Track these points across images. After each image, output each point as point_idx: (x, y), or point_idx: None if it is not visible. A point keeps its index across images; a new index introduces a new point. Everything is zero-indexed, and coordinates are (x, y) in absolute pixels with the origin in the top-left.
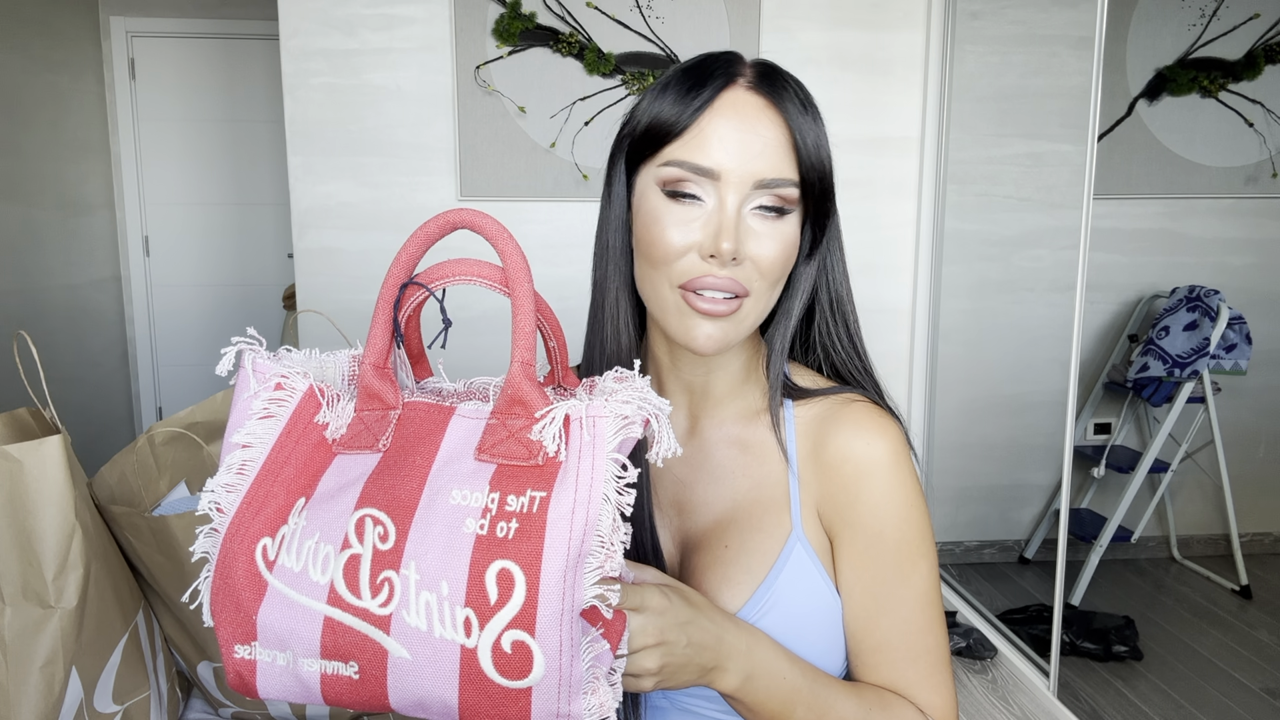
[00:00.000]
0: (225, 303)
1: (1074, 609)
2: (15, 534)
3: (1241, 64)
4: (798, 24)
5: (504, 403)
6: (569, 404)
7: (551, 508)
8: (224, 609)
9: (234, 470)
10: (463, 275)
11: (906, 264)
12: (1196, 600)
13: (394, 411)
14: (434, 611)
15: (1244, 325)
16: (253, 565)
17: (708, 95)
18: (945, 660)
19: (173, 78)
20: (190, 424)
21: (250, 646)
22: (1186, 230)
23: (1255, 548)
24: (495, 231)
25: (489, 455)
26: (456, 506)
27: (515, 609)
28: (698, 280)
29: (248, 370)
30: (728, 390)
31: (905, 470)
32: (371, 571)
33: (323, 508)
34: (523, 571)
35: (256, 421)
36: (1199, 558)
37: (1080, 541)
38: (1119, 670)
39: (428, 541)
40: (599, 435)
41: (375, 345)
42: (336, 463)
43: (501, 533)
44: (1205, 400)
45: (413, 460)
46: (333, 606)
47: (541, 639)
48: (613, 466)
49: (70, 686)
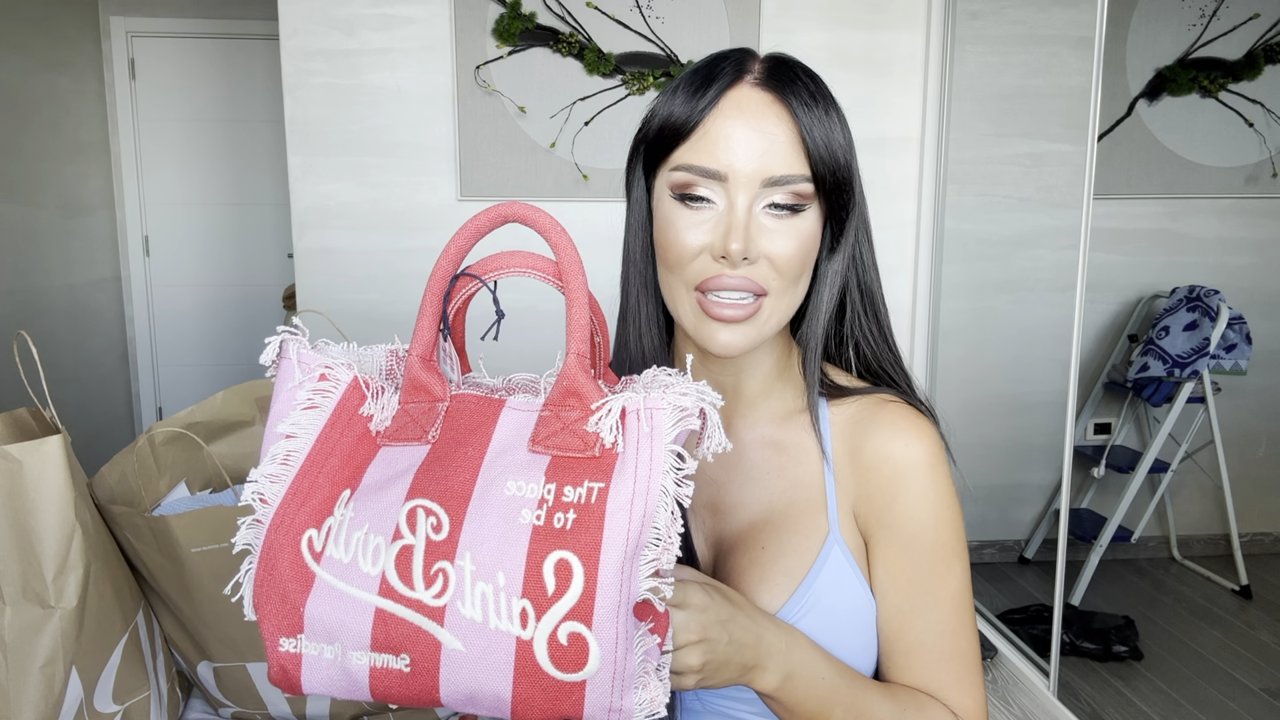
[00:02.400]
0: (225, 303)
1: (1074, 609)
2: (15, 534)
3: (1241, 64)
4: (798, 24)
5: (558, 394)
6: (625, 396)
7: (610, 499)
8: (269, 601)
9: (278, 460)
10: (517, 267)
11: (906, 264)
12: (1196, 600)
13: (442, 403)
14: (490, 603)
15: (1244, 325)
16: (299, 557)
17: (713, 95)
18: (976, 662)
19: (173, 78)
20: (190, 424)
21: (296, 639)
22: (1186, 230)
23: (1255, 548)
24: (548, 225)
25: (543, 447)
26: (512, 497)
27: (573, 600)
28: (711, 281)
29: (292, 360)
30: (760, 390)
31: (942, 472)
32: (425, 562)
33: (371, 499)
34: (581, 562)
35: (301, 412)
36: (1199, 558)
37: (1080, 541)
38: (1119, 670)
39: (483, 532)
40: (657, 427)
41: (422, 337)
42: (382, 454)
43: (559, 524)
44: (1205, 400)
45: (464, 451)
46: (384, 598)
47: (598, 631)
48: (671, 458)
49: (70, 686)
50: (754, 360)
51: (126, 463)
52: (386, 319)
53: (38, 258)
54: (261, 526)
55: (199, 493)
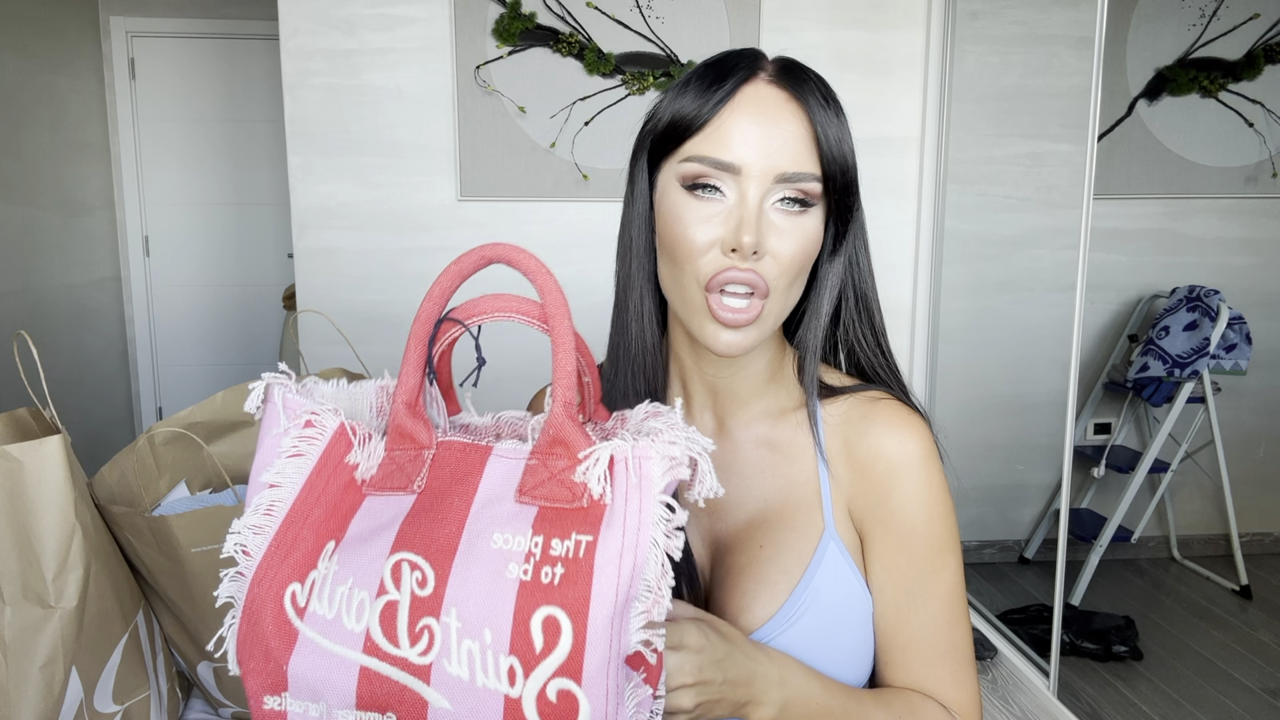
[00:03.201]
0: (225, 303)
1: (1074, 609)
2: (15, 534)
3: (1241, 64)
4: (798, 24)
5: (545, 443)
6: (613, 445)
7: (599, 552)
8: (252, 658)
9: (261, 511)
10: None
11: (906, 264)
12: (1196, 600)
13: (428, 451)
14: (476, 660)
15: (1244, 325)
16: (282, 612)
17: (729, 89)
18: (970, 655)
19: (173, 78)
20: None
21: (280, 698)
22: (1186, 230)
23: (1255, 548)
24: (534, 267)
25: (530, 497)
26: (499, 550)
27: (562, 657)
28: (721, 276)
29: (277, 406)
30: (753, 390)
31: (935, 467)
32: (410, 619)
33: (355, 552)
34: (570, 618)
35: (286, 460)
36: (1199, 558)
37: (1080, 541)
38: (1119, 670)
39: (469, 587)
40: (645, 477)
41: (407, 383)
42: (367, 504)
43: (546, 578)
44: (1205, 400)
45: (450, 502)
46: (369, 655)
47: (588, 687)
48: (660, 509)
49: (70, 686)
50: (748, 360)
51: (126, 463)
52: (386, 319)
53: (38, 258)
54: (244, 580)
55: (199, 493)
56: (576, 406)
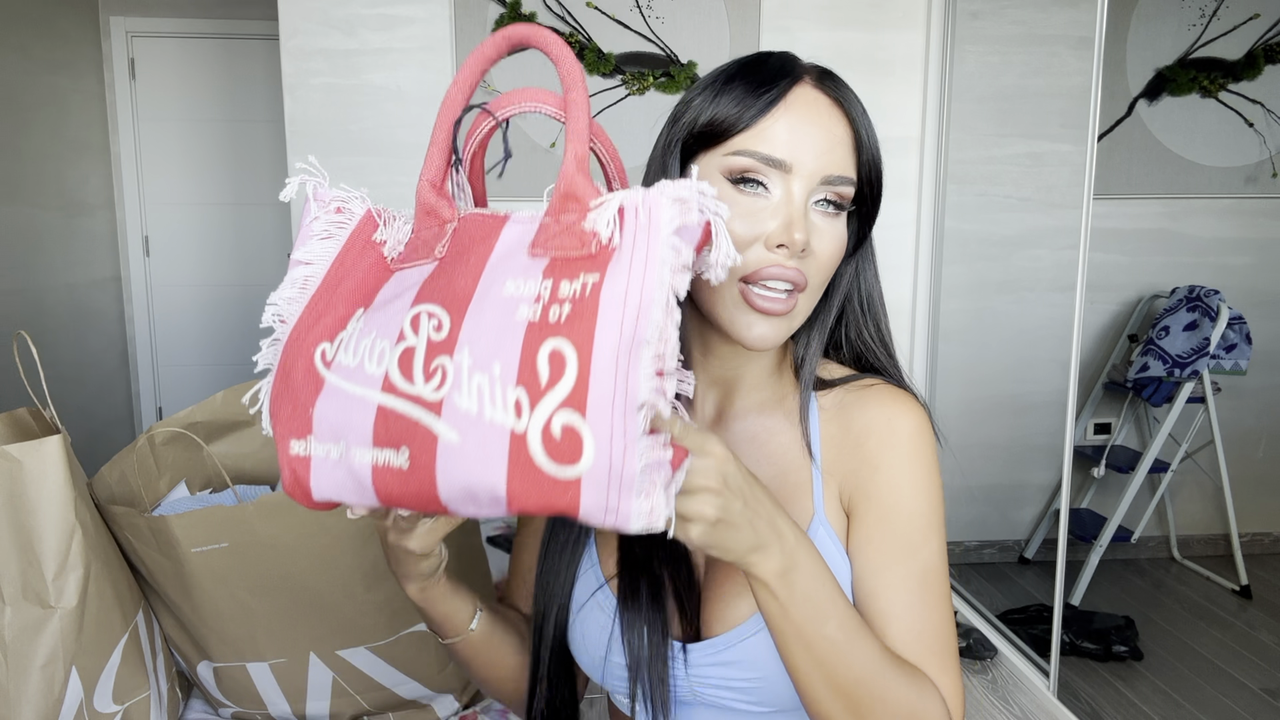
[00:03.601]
0: (225, 303)
1: (1074, 609)
2: (15, 534)
3: (1241, 64)
4: (798, 24)
5: (557, 200)
6: (622, 193)
7: (604, 290)
8: (282, 407)
9: (296, 285)
10: (530, 102)
11: (906, 264)
12: (1196, 600)
13: (450, 224)
14: (485, 393)
15: (1244, 325)
16: (311, 366)
17: (780, 89)
18: (951, 642)
19: (173, 78)
20: (190, 424)
21: (305, 441)
22: (1186, 230)
23: (1255, 548)
24: (550, 40)
25: (542, 249)
26: (510, 296)
27: (567, 388)
28: (763, 271)
29: (310, 196)
30: (755, 383)
31: (926, 445)
32: (426, 359)
33: (380, 311)
34: (575, 350)
35: (318, 241)
36: (1199, 558)
37: (1080, 541)
38: (1119, 670)
39: (481, 327)
40: (655, 220)
41: (433, 163)
42: (395, 278)
43: (554, 317)
44: (1205, 400)
45: (467, 260)
46: (386, 394)
47: (592, 421)
48: (668, 250)
49: (70, 686)
50: (760, 354)
51: (126, 463)
52: None
53: (38, 258)
54: (280, 344)
55: (199, 493)
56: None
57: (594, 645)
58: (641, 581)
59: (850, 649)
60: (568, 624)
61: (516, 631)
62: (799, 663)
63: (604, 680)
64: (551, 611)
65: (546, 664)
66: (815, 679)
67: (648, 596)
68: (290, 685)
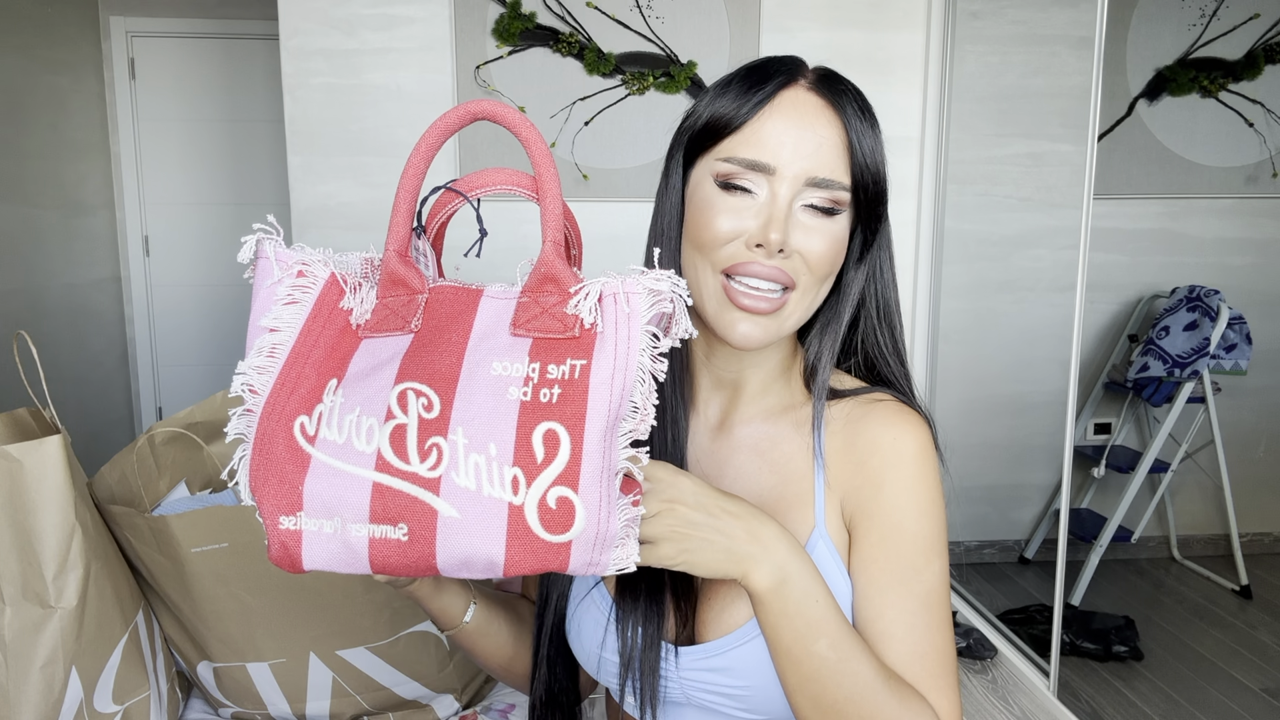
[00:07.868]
0: (225, 303)
1: (1074, 609)
2: (15, 534)
3: (1241, 64)
4: (798, 24)
5: (535, 281)
6: (601, 281)
7: (593, 374)
8: (266, 483)
9: (264, 353)
10: (502, 185)
11: (906, 264)
12: (1196, 600)
13: (421, 295)
14: (483, 472)
15: (1244, 325)
16: (293, 440)
17: (768, 92)
18: (951, 664)
19: (173, 78)
20: (190, 424)
21: (296, 517)
22: (1186, 230)
23: (1255, 548)
24: (517, 121)
25: (525, 330)
26: (499, 376)
27: (561, 466)
28: (740, 266)
29: (269, 258)
30: (760, 388)
31: (930, 467)
32: (419, 438)
33: (359, 385)
34: (568, 432)
35: (283, 307)
36: (1199, 558)
37: (1080, 541)
38: (1119, 670)
39: (473, 408)
40: (634, 308)
41: (398, 233)
42: (364, 346)
43: (545, 398)
44: (1205, 400)
45: (447, 337)
46: (381, 472)
47: (584, 494)
48: (647, 337)
49: (70, 686)
50: (760, 357)
51: (126, 463)
52: None
53: (38, 258)
54: (253, 415)
55: (199, 493)
56: (564, 249)
57: (589, 639)
58: (641, 580)
59: (841, 668)
60: (566, 614)
61: (517, 620)
62: (788, 676)
63: (599, 674)
64: (551, 600)
65: (545, 650)
66: (803, 694)
67: (646, 594)
68: (290, 685)
